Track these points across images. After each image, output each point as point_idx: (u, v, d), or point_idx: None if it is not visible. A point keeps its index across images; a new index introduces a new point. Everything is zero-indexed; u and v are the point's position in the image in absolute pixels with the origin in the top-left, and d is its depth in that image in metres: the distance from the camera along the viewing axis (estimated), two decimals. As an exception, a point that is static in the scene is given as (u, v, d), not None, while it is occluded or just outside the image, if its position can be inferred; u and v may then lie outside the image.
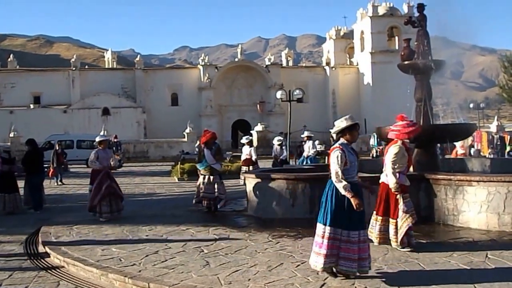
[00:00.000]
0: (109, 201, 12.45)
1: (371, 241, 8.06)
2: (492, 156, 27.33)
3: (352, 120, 6.76)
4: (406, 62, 12.91)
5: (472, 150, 25.13)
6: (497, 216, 9.52)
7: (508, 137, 30.43)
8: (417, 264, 7.36)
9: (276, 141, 21.84)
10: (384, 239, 8.39)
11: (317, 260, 6.67)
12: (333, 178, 6.65)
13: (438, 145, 15.22)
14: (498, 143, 29.78)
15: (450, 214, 10.23)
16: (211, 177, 12.83)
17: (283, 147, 22.32)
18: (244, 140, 19.83)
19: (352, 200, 6.48)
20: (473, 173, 12.96)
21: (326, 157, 29.90)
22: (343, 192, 6.53)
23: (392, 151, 8.08)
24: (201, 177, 13.08)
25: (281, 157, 21.16)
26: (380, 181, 8.39)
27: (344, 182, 6.52)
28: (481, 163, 14.63)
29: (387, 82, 54.23)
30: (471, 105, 56.45)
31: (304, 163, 20.23)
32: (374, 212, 8.54)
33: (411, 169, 12.74)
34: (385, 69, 56.59)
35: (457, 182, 10.13)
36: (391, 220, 8.28)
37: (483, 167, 14.24)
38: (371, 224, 8.48)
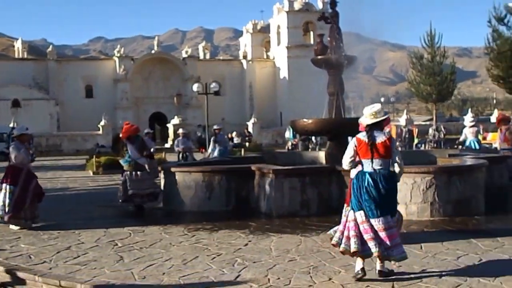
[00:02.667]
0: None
1: None
2: (400, 148, 28.32)
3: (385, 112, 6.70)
4: (319, 57, 13.17)
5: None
6: (404, 206, 9.87)
7: (416, 130, 31.72)
8: (329, 254, 7.54)
9: (181, 131, 21.86)
10: None
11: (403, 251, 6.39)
12: (400, 165, 6.44)
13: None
14: (407, 136, 30.93)
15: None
16: (139, 173, 11.93)
17: (189, 139, 22.14)
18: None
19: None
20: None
21: (243, 150, 30.13)
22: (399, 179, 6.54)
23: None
24: (125, 174, 12.06)
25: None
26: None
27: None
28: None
29: (303, 76, 55.16)
30: (382, 99, 58.45)
31: (216, 154, 20.13)
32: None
33: (323, 161, 13.11)
34: (300, 64, 57.47)
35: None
36: None
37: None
38: None
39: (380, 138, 6.38)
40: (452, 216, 9.87)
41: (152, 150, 13.97)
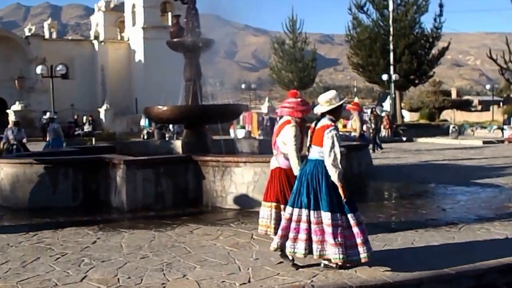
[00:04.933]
0: None
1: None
2: (261, 137, 29.11)
3: (340, 98, 6.63)
4: (175, 40, 13.09)
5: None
6: (262, 196, 10.14)
7: (266, 118, 32.80)
8: (184, 249, 7.56)
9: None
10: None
11: (336, 252, 6.21)
12: (330, 162, 6.22)
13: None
14: (268, 124, 31.85)
15: (219, 196, 10.68)
16: None
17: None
18: None
19: (342, 190, 6.26)
20: (241, 154, 13.68)
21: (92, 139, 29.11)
22: (336, 179, 6.24)
23: (290, 131, 7.37)
24: None
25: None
26: (272, 167, 7.73)
27: (340, 169, 6.26)
28: (250, 144, 15.51)
29: (160, 60, 54.50)
30: (243, 86, 59.41)
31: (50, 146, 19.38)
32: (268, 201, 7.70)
33: (180, 150, 13.10)
34: (157, 46, 56.30)
35: (224, 163, 10.61)
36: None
37: (252, 148, 15.11)
38: (266, 214, 7.61)
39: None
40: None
41: None
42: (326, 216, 6.23)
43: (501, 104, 66.66)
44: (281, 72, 57.11)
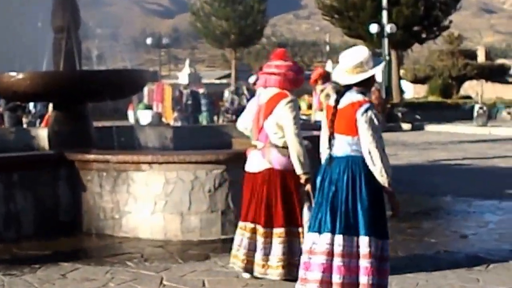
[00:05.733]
0: None
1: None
2: (179, 123, 29.09)
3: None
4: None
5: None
6: (179, 217, 10.18)
7: (201, 93, 32.68)
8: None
9: None
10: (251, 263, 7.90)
11: None
12: (375, 157, 6.32)
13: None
14: (190, 102, 31.74)
15: (109, 217, 10.65)
16: None
17: None
18: None
19: (393, 201, 6.52)
20: (146, 150, 13.67)
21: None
22: (386, 183, 6.37)
23: (288, 109, 7.52)
24: None
25: None
26: (253, 169, 7.84)
27: (390, 167, 6.39)
28: (160, 135, 15.51)
29: (13, 4, 53.76)
30: (149, 41, 58.57)
31: None
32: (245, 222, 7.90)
33: (46, 144, 13.06)
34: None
35: (118, 165, 10.59)
36: (279, 231, 7.77)
37: (163, 140, 15.11)
38: (237, 240, 7.92)
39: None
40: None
41: None
42: (364, 243, 6.34)
43: (553, 72, 68.22)
44: (210, 19, 56.93)
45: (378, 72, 6.72)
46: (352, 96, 6.47)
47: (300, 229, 7.56)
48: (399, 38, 45.37)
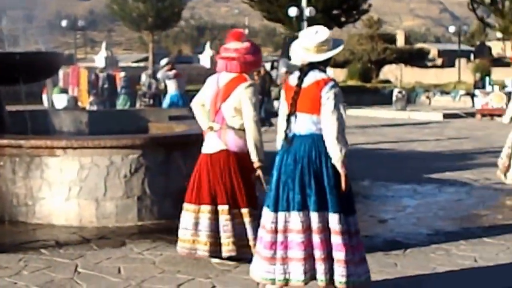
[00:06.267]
0: None
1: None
2: (95, 107, 28.79)
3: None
4: None
5: None
6: (94, 203, 10.07)
7: (122, 76, 32.25)
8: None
9: None
10: (216, 245, 7.91)
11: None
12: (334, 135, 6.35)
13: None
14: (106, 86, 31.40)
15: (22, 204, 10.47)
16: None
17: None
18: None
19: (344, 178, 6.42)
20: (60, 135, 13.45)
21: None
22: (340, 162, 6.36)
23: (248, 93, 7.61)
24: None
25: None
26: (208, 150, 7.87)
27: (348, 146, 6.42)
28: (76, 119, 15.28)
29: None
30: (64, 23, 57.93)
31: None
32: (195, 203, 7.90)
33: None
34: None
35: (31, 150, 10.39)
36: (242, 211, 7.84)
37: (78, 125, 14.90)
38: (191, 223, 7.90)
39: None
40: (173, 219, 10.21)
41: None
42: (335, 220, 6.37)
43: (471, 57, 69.26)
44: (127, 1, 56.58)
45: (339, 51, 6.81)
46: (316, 75, 6.53)
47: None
48: (318, 22, 45.33)
